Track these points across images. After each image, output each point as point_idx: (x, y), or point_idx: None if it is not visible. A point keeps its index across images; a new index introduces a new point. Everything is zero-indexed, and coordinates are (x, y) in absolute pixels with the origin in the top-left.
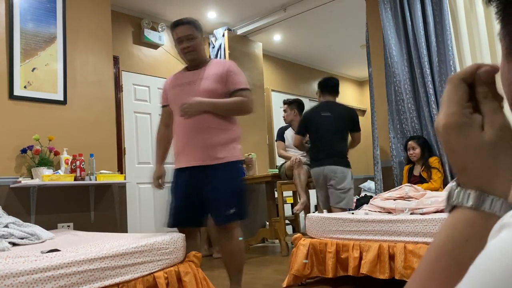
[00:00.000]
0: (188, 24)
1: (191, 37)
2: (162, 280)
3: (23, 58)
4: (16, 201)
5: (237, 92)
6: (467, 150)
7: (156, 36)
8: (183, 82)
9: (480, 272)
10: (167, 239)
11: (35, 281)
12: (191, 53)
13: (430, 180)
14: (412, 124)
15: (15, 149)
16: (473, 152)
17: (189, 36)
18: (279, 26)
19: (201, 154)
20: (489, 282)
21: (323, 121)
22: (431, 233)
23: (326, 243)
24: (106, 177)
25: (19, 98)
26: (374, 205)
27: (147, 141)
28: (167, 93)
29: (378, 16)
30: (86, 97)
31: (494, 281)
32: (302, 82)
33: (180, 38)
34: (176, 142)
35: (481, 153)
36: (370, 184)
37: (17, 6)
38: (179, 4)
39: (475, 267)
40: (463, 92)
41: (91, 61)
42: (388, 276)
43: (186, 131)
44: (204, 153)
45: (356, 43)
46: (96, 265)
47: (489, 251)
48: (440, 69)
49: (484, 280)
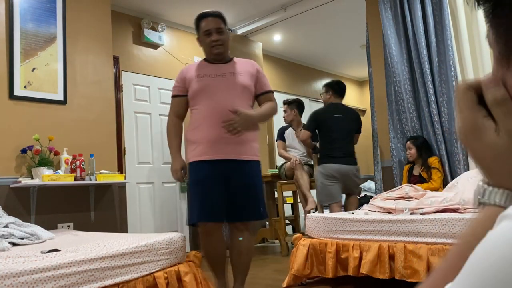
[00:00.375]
0: (219, 17)
1: (221, 30)
2: (162, 280)
3: (23, 58)
4: (16, 201)
5: (266, 94)
6: (486, 154)
7: (156, 36)
8: (212, 73)
9: (479, 260)
10: (167, 239)
11: (35, 281)
12: (219, 47)
13: (430, 180)
14: (412, 124)
15: (15, 149)
16: (492, 155)
17: (219, 30)
18: (279, 26)
19: (235, 148)
20: (487, 270)
21: (337, 122)
22: (431, 233)
23: (326, 243)
24: (106, 177)
25: (19, 98)
26: (374, 205)
27: (147, 141)
28: (186, 82)
29: (378, 16)
30: (86, 97)
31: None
32: (302, 82)
33: (209, 30)
34: (204, 134)
35: (499, 157)
36: (370, 184)
37: (17, 6)
38: (179, 4)
39: (474, 256)
40: (470, 98)
41: (91, 61)
42: (388, 276)
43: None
44: (238, 147)
45: (356, 43)
46: (96, 265)
47: (488, 240)
48: (440, 69)
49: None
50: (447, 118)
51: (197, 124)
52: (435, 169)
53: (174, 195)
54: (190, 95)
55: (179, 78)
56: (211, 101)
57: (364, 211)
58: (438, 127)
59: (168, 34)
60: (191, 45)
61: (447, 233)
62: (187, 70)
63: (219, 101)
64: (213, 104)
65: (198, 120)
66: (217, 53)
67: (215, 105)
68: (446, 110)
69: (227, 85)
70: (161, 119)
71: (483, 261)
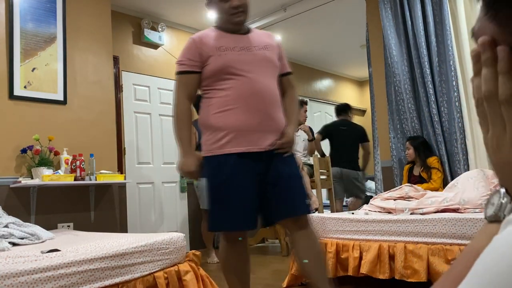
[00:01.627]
0: None
1: None
2: (162, 280)
3: (23, 58)
4: (16, 201)
5: (288, 75)
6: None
7: (156, 36)
8: (235, 46)
9: (486, 266)
10: (167, 239)
11: (35, 281)
12: (242, 14)
13: (430, 180)
14: (412, 124)
15: (15, 149)
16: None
17: None
18: (279, 26)
19: (274, 136)
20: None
21: (342, 133)
22: (431, 233)
23: (326, 243)
24: (106, 177)
25: (19, 98)
26: (374, 205)
27: (147, 141)
28: (203, 56)
29: (378, 16)
30: (86, 97)
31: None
32: (302, 82)
33: None
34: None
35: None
36: (370, 184)
37: (17, 6)
38: (179, 4)
39: (481, 261)
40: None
41: (91, 61)
42: (388, 276)
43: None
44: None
45: (356, 43)
46: (96, 265)
47: (494, 245)
48: (440, 69)
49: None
50: (447, 118)
51: (228, 107)
52: (435, 169)
53: (174, 195)
54: (210, 72)
55: (193, 51)
56: (241, 81)
57: (364, 211)
58: (438, 127)
59: (168, 34)
60: None
61: (447, 233)
62: (201, 41)
63: (256, 82)
64: (245, 84)
65: (227, 103)
66: (239, 22)
67: (247, 86)
68: (446, 110)
69: (255, 61)
70: (161, 119)
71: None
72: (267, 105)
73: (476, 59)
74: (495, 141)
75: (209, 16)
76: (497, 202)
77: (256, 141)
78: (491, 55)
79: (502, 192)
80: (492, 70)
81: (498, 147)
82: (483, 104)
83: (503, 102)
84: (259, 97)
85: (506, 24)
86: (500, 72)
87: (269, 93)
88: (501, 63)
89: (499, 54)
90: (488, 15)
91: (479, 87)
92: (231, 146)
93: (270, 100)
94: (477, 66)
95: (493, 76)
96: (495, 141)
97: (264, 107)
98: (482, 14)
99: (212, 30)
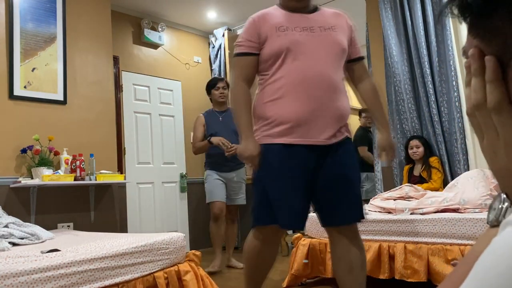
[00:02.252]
0: None
1: None
2: (162, 280)
3: (23, 58)
4: (16, 201)
5: (360, 60)
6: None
7: (156, 36)
8: (297, 26)
9: (485, 268)
10: (167, 239)
11: (35, 281)
12: None
13: (430, 180)
14: (412, 124)
15: (15, 149)
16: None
17: None
18: None
19: (333, 127)
20: (494, 277)
21: None
22: (431, 233)
23: (326, 243)
24: (106, 177)
25: (19, 98)
26: (374, 205)
27: (147, 141)
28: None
29: (378, 16)
30: (86, 97)
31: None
32: None
33: None
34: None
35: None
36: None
37: (17, 6)
38: (179, 4)
39: (480, 263)
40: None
41: (91, 61)
42: (388, 276)
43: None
44: (336, 126)
45: None
46: (96, 265)
47: (493, 247)
48: (440, 69)
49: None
50: (447, 118)
51: (280, 94)
52: (435, 169)
53: (174, 195)
54: (266, 55)
55: (251, 31)
56: (300, 65)
57: (364, 211)
58: (438, 127)
59: (168, 34)
60: (191, 45)
61: (447, 233)
62: (260, 21)
63: (312, 66)
64: (304, 69)
65: (281, 90)
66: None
67: (307, 72)
68: (446, 110)
69: (319, 44)
70: (161, 119)
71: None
72: (324, 92)
73: (468, 70)
74: (491, 149)
75: (209, 16)
76: (498, 207)
77: (307, 133)
78: (479, 65)
79: (503, 197)
80: (480, 79)
81: (494, 154)
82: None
83: (491, 110)
84: (315, 83)
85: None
86: (488, 81)
87: (328, 80)
88: (488, 71)
89: (486, 63)
90: (472, 33)
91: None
92: (282, 136)
93: (329, 86)
94: (468, 77)
95: (481, 85)
96: (491, 148)
97: (320, 94)
98: (468, 33)
99: (275, 8)
